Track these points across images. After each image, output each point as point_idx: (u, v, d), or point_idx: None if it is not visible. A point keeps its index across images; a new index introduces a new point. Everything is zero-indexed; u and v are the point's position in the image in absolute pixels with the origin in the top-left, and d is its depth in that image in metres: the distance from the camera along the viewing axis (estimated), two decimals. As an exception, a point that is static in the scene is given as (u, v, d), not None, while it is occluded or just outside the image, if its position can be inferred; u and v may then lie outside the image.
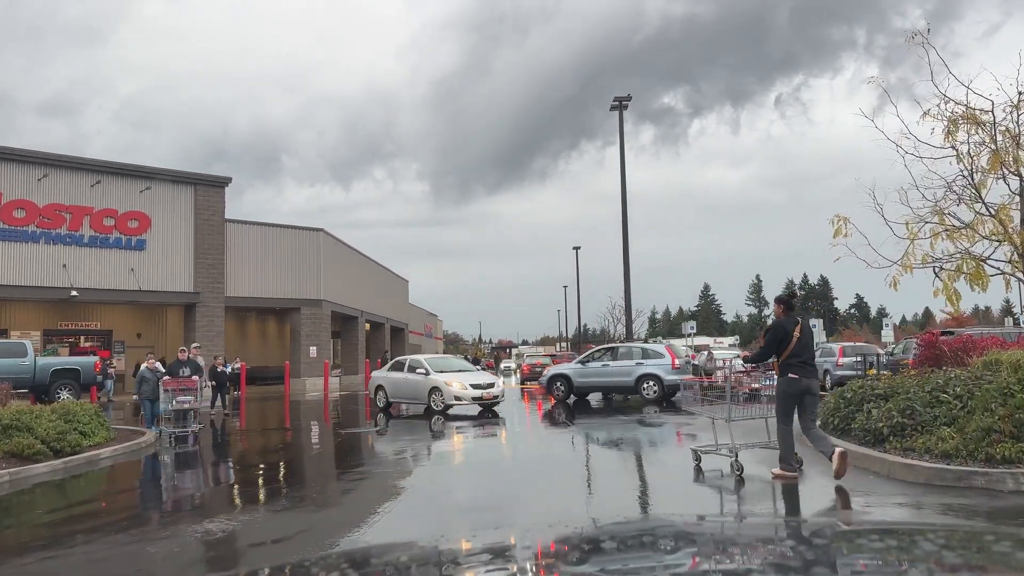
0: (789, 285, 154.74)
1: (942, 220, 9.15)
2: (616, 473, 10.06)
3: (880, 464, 8.13)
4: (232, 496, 9.18)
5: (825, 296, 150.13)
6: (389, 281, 51.77)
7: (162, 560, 5.77)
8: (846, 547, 1.55)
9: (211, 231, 31.42)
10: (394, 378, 20.35)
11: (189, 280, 30.84)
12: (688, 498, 7.90)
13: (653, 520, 4.60)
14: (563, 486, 8.86)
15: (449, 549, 1.68)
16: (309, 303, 34.68)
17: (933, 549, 1.41)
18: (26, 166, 27.09)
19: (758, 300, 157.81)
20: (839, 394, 10.66)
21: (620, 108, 28.99)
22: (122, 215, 29.07)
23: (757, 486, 8.00)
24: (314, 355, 34.25)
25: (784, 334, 7.98)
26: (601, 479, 9.47)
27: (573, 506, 7.47)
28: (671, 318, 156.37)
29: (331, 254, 36.94)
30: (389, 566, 1.57)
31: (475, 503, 7.85)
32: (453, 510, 7.58)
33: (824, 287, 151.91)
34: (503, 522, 6.67)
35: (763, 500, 7.59)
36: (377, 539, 6.02)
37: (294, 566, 1.54)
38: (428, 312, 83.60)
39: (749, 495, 7.71)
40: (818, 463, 8.36)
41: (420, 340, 74.35)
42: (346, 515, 7.56)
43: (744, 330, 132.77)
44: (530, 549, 1.60)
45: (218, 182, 32.11)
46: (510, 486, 9.02)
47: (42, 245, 27.20)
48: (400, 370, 20.32)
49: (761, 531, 1.91)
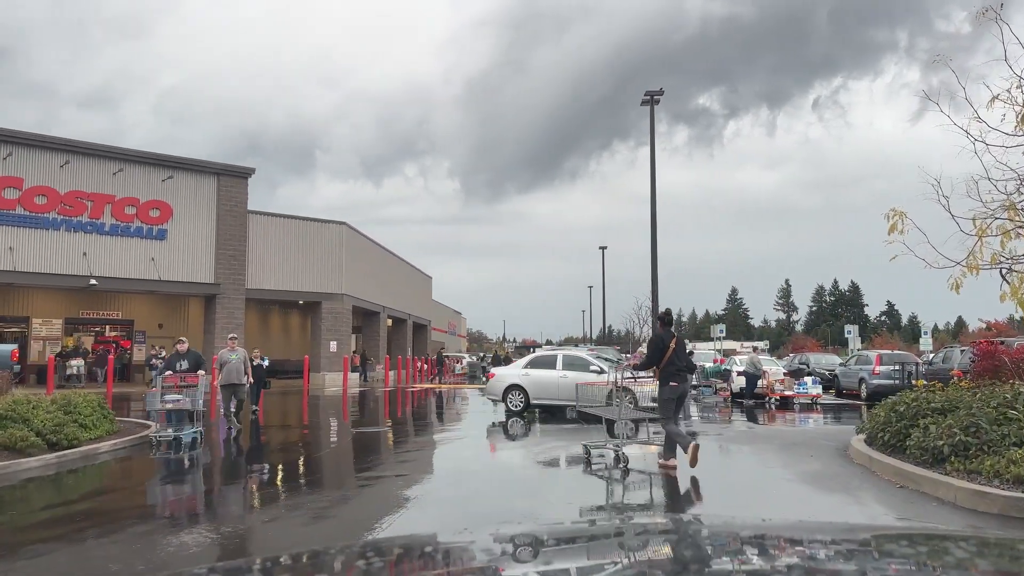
0: (819, 291, 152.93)
1: (1014, 216, 8.20)
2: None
3: (944, 489, 7.21)
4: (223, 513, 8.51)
5: (855, 303, 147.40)
6: (413, 277, 51.24)
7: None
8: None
9: (233, 222, 31.02)
10: (541, 377, 17.58)
11: (210, 271, 30.46)
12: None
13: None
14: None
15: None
16: (330, 297, 34.18)
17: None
18: (49, 152, 26.85)
19: (787, 305, 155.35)
20: (889, 407, 9.73)
21: (651, 102, 28.08)
22: (144, 204, 28.75)
23: (637, 477, 8.97)
24: (334, 350, 33.75)
25: (663, 346, 9.07)
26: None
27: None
28: (697, 321, 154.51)
29: (354, 248, 36.43)
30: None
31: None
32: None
33: (855, 293, 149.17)
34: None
35: (643, 488, 8.57)
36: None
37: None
38: (452, 309, 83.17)
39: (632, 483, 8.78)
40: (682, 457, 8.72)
41: (443, 337, 73.88)
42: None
43: (772, 335, 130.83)
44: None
45: (241, 172, 31.70)
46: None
47: (63, 233, 26.94)
48: (549, 367, 17.64)
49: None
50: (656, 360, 9.07)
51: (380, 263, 41.62)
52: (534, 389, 17.62)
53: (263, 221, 32.47)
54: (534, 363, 18.37)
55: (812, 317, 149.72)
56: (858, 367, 25.79)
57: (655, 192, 28.12)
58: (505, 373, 18.80)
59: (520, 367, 18.51)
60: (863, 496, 7.52)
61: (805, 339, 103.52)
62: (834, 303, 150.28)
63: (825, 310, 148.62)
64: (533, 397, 17.60)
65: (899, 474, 8.12)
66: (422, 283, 55.11)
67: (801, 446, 11.46)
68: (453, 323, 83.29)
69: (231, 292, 30.87)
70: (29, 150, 26.41)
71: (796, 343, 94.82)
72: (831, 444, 11.33)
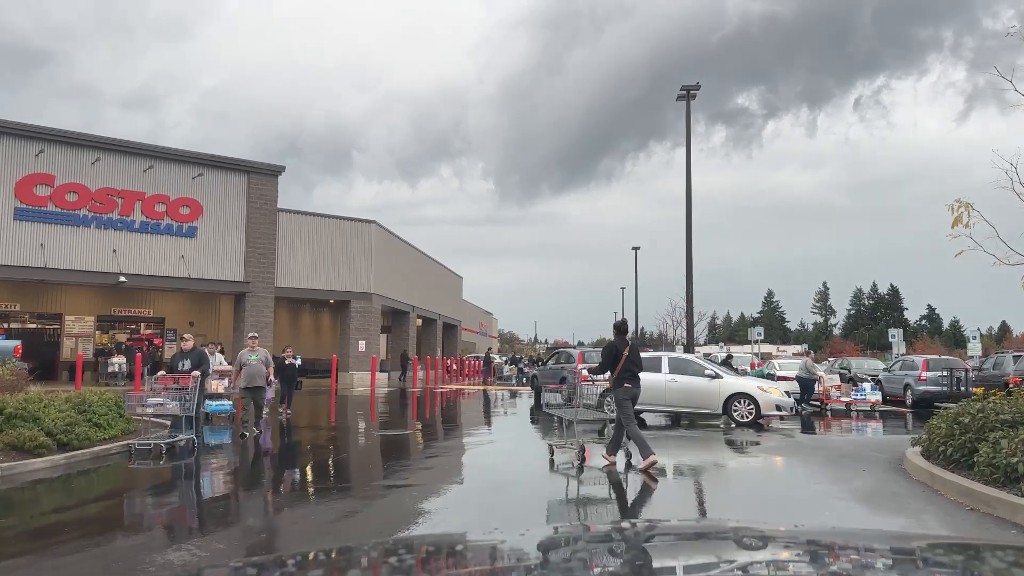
0: (857, 294, 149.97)
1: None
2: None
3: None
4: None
5: (895, 306, 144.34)
6: (443, 277, 50.85)
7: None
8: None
9: (263, 220, 30.83)
10: (645, 381, 17.16)
11: (239, 269, 30.30)
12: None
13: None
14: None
15: None
16: (359, 296, 33.86)
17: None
18: (80, 149, 26.86)
19: (824, 308, 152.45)
20: (952, 418, 8.90)
21: (687, 97, 27.26)
22: (174, 201, 28.66)
23: (596, 473, 9.37)
24: (363, 349, 33.42)
25: (617, 353, 9.78)
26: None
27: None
28: (732, 324, 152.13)
29: (383, 247, 36.09)
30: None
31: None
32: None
33: (894, 297, 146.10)
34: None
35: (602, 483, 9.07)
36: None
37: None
38: (483, 310, 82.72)
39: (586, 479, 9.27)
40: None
41: (474, 338, 73.49)
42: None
43: (809, 338, 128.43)
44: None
45: (271, 170, 31.50)
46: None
47: (93, 229, 26.93)
48: (653, 370, 15.97)
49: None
50: (610, 365, 9.81)
51: (410, 262, 41.26)
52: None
53: (293, 219, 32.26)
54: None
55: (850, 321, 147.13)
56: (903, 372, 24.69)
57: (690, 189, 27.29)
58: (604, 377, 17.80)
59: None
60: (927, 519, 6.75)
61: (843, 343, 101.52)
62: (873, 306, 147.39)
63: (864, 313, 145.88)
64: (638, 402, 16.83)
65: (967, 494, 7.32)
66: (452, 283, 54.72)
67: (851, 458, 10.65)
68: (484, 323, 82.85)
69: (260, 290, 30.68)
70: (60, 147, 26.44)
71: (834, 347, 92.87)
72: (883, 456, 10.52)
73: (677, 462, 10.55)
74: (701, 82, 27.47)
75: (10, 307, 31.61)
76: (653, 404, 16.30)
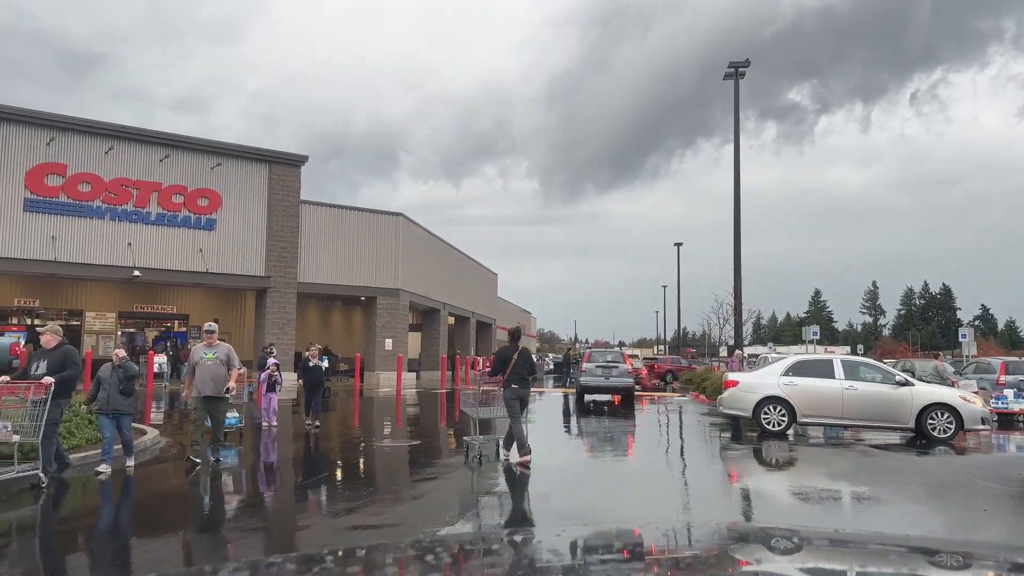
0: (908, 293, 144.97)
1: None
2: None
3: None
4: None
5: (947, 306, 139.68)
6: (476, 273, 49.17)
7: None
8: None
9: (285, 212, 29.45)
10: (815, 388, 13.88)
11: (260, 263, 28.96)
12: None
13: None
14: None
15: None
16: (386, 292, 32.32)
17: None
18: (93, 138, 25.73)
19: (874, 308, 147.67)
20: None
21: (736, 75, 25.15)
22: (191, 192, 27.42)
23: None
24: (389, 348, 31.86)
25: (507, 357, 10.48)
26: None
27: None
28: (777, 324, 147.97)
29: (411, 241, 34.50)
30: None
31: None
32: None
33: (946, 296, 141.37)
34: None
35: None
36: None
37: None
38: (520, 308, 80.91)
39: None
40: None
41: (511, 337, 71.72)
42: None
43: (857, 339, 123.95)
44: None
45: (294, 160, 30.11)
46: None
47: (107, 221, 25.79)
48: (824, 375, 13.89)
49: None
50: (500, 369, 10.53)
51: (440, 257, 39.63)
52: (804, 402, 13.90)
53: (316, 212, 30.85)
54: (799, 369, 14.47)
55: (900, 320, 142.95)
56: (977, 376, 22.27)
57: (739, 172, 25.16)
58: (755, 381, 14.84)
59: (776, 373, 14.56)
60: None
61: (894, 343, 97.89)
62: (924, 306, 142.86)
63: (914, 313, 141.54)
64: (802, 413, 13.92)
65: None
66: (487, 280, 53.02)
67: (957, 490, 8.53)
68: (523, 322, 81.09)
69: (282, 286, 29.31)
70: (73, 135, 25.33)
71: (885, 347, 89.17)
72: (999, 487, 8.39)
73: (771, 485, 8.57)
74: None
75: (29, 303, 30.76)
76: (826, 416, 13.85)
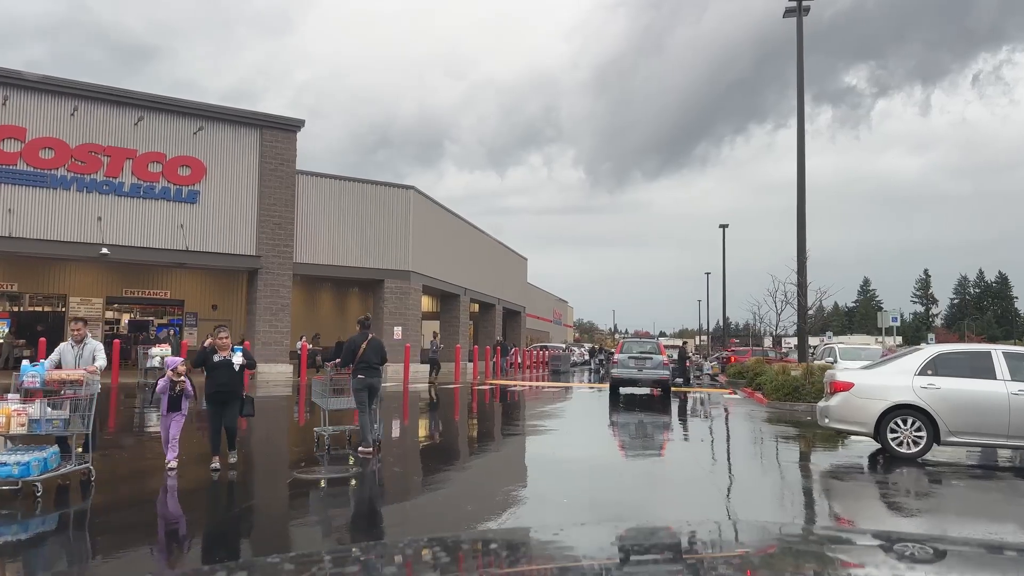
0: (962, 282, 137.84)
1: None
2: None
3: None
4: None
5: (1003, 295, 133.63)
6: (503, 257, 45.52)
7: None
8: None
9: (279, 184, 26.15)
10: (969, 394, 10.09)
11: (251, 242, 25.74)
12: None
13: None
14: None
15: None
16: (395, 274, 28.90)
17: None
18: (56, 97, 22.67)
19: (925, 297, 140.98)
20: None
21: (799, 11, 21.04)
22: (171, 160, 24.24)
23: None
24: (399, 336, 28.43)
25: (355, 347, 10.47)
26: None
27: None
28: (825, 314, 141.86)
29: (424, 218, 31.00)
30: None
31: None
32: None
33: (1002, 285, 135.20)
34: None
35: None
36: None
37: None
38: (556, 297, 77.17)
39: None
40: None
41: (546, 327, 68.05)
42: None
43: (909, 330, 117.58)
44: None
45: (289, 125, 26.77)
46: None
47: (73, 192, 22.73)
48: (982, 375, 10.09)
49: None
50: (349, 359, 10.43)
51: (460, 239, 36.08)
52: (951, 414, 10.05)
53: (314, 183, 27.51)
54: (942, 365, 10.38)
55: (953, 310, 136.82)
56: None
57: (803, 137, 21.17)
58: (878, 383, 10.57)
59: (909, 372, 10.42)
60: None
61: (947, 334, 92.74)
62: (979, 295, 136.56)
63: (968, 303, 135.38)
64: (948, 429, 10.06)
65: None
66: (515, 265, 49.33)
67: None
68: (559, 312, 77.31)
69: (275, 267, 26.06)
70: (32, 94, 22.30)
71: (939, 338, 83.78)
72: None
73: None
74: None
75: (9, 287, 28.06)
76: (985, 434, 9.98)
